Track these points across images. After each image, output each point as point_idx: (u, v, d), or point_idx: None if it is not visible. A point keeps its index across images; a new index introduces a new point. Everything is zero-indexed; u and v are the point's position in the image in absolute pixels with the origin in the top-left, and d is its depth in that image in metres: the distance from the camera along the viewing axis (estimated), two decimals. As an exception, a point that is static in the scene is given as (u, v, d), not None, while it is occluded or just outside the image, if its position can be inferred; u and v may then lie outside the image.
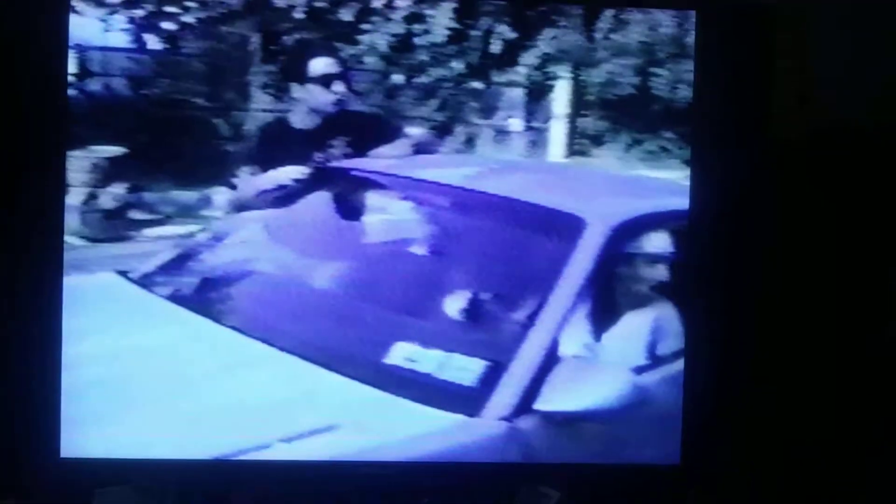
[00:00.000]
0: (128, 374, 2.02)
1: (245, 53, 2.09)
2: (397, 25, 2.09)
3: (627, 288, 2.08)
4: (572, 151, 2.14)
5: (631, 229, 2.08)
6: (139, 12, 2.05)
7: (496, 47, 2.12)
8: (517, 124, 2.15)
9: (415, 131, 2.13)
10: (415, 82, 2.12)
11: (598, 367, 2.04)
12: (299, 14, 2.08)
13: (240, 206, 2.09)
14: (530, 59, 2.13)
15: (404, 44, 2.11)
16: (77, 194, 2.04)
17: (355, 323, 2.06)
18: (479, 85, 2.13)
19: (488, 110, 2.14)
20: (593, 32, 2.14)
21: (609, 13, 2.13)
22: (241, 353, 2.04)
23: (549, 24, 2.12)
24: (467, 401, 1.97)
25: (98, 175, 2.05)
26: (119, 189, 2.07)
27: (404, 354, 2.02)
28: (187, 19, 2.06)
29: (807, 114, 2.18)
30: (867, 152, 2.15)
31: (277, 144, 2.10)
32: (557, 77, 2.14)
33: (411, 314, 2.07)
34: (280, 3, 2.07)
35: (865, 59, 2.18)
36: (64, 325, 2.01)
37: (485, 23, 2.11)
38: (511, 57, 2.13)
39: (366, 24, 2.09)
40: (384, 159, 2.12)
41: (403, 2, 2.08)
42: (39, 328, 2.01)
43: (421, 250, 2.10)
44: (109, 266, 2.09)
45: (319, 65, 2.10)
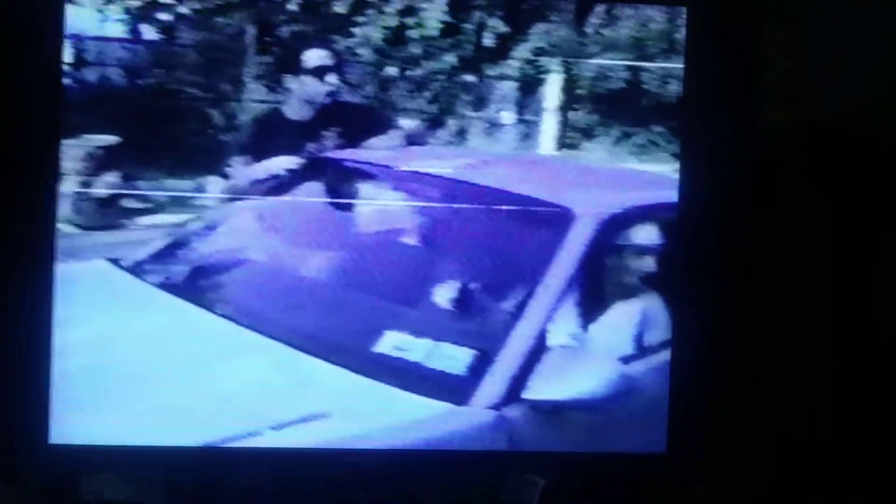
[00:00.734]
0: (118, 362, 2.02)
1: (240, 44, 2.10)
2: (391, 18, 2.11)
3: (616, 279, 2.09)
4: (563, 144, 2.16)
5: (620, 221, 2.10)
6: (135, 3, 2.06)
7: (489, 41, 2.14)
8: (508, 117, 2.16)
9: (407, 123, 2.14)
10: (408, 75, 2.13)
11: (586, 356, 2.05)
12: (293, 6, 2.09)
13: (233, 196, 2.10)
14: (522, 52, 2.14)
15: (398, 36, 2.12)
16: (70, 182, 2.05)
17: (345, 312, 2.07)
18: (471, 78, 2.15)
19: (480, 103, 2.16)
20: (585, 27, 2.15)
21: (601, 8, 2.15)
22: (231, 342, 2.04)
23: (541, 18, 2.14)
24: (456, 389, 1.99)
25: (92, 163, 2.06)
26: (112, 178, 2.08)
27: (394, 343, 2.03)
28: (183, 10, 2.08)
29: (796, 108, 2.19)
30: (857, 147, 2.16)
31: (271, 135, 2.11)
32: (549, 71, 2.15)
33: (401, 303, 2.08)
34: (274, -6, 2.09)
35: (856, 54, 2.19)
36: (55, 313, 2.01)
37: (477, 16, 2.12)
38: (503, 50, 2.14)
39: (360, 16, 2.10)
40: (376, 150, 2.13)
41: (397, -6, 2.11)
42: (31, 315, 2.02)
43: (412, 240, 2.11)
44: (101, 254, 2.09)
45: (313, 56, 2.11)
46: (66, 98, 2.05)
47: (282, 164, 2.11)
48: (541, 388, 1.99)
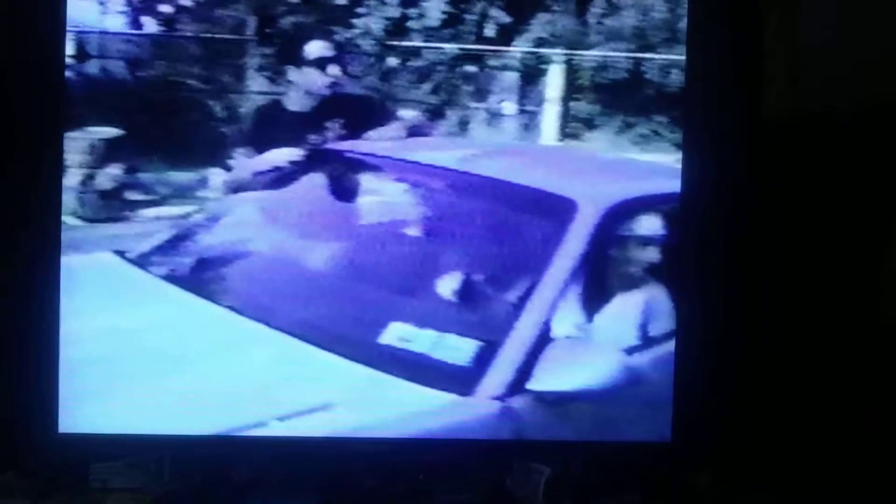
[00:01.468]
0: (125, 353, 2.04)
1: (241, 36, 2.10)
2: (392, 9, 2.11)
3: (619, 269, 2.10)
4: (565, 134, 2.16)
5: (623, 212, 2.10)
6: (136, -5, 2.06)
7: (490, 31, 2.13)
8: (510, 107, 2.17)
9: (409, 114, 2.14)
10: (409, 65, 2.13)
11: (590, 347, 2.06)
12: (295, -3, 2.10)
13: (235, 188, 2.11)
14: (524, 42, 2.14)
15: (399, 27, 2.12)
16: (74, 175, 2.06)
17: (350, 303, 2.08)
18: (472, 68, 2.15)
19: (482, 93, 2.16)
20: (586, 17, 2.15)
21: (602, -2, 2.15)
22: (236, 333, 2.06)
23: (542, 8, 2.14)
24: (461, 380, 2.00)
25: (95, 156, 2.06)
26: (116, 170, 2.08)
27: (398, 334, 2.04)
28: (184, 2, 2.08)
29: (796, 96, 2.19)
30: (859, 135, 2.16)
31: (273, 126, 2.11)
32: (551, 61, 2.15)
33: (405, 294, 2.09)
34: (276, -15, 2.09)
35: (857, 42, 2.19)
36: (62, 304, 2.03)
37: (479, 7, 2.12)
38: (505, 41, 2.14)
39: (361, 7, 2.10)
40: (378, 142, 2.13)
41: (398, -15, 2.10)
42: (38, 307, 2.03)
43: (415, 232, 2.11)
44: (106, 246, 2.10)
45: (315, 48, 2.11)
46: (69, 91, 2.05)
47: (284, 155, 2.11)
48: (546, 379, 2.00)
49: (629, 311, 2.09)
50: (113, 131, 2.07)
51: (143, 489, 2.07)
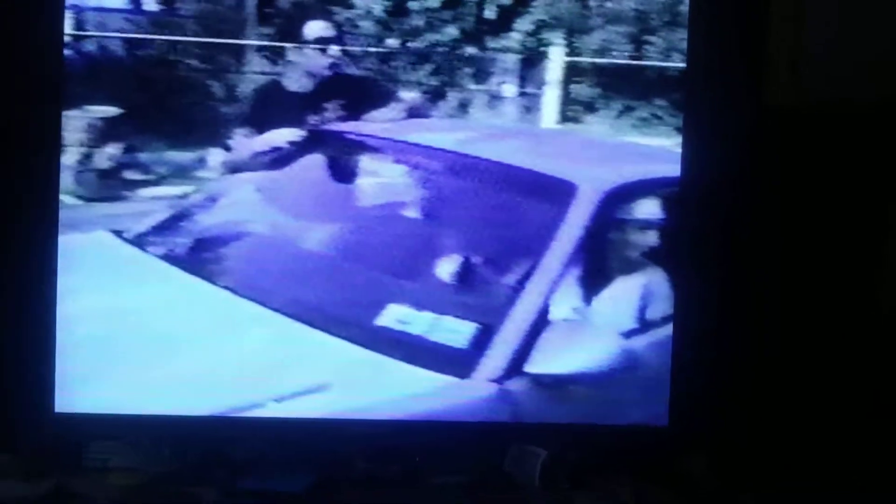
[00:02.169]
0: (121, 332, 2.04)
1: (241, 16, 2.09)
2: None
3: (618, 253, 2.10)
4: (565, 117, 2.16)
5: (622, 195, 2.10)
6: (135, -28, 2.05)
7: (491, 13, 2.12)
8: (510, 90, 2.16)
9: (409, 95, 2.13)
10: (409, 47, 2.12)
11: (588, 330, 2.06)
12: (294, -24, 2.09)
13: (234, 168, 2.10)
14: (525, 25, 2.13)
15: (399, 8, 2.11)
16: (72, 154, 2.05)
17: (348, 285, 2.08)
18: (473, 50, 2.14)
19: (482, 76, 2.15)
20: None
21: (604, -20, 2.14)
22: (234, 313, 2.05)
23: (543, -10, 2.13)
24: (458, 363, 2.00)
25: (93, 135, 2.06)
26: (114, 149, 2.07)
27: (396, 316, 2.03)
28: (183, -20, 2.07)
29: (799, 81, 2.18)
30: (861, 120, 2.15)
31: (272, 107, 2.10)
32: (551, 43, 2.14)
33: (403, 276, 2.09)
34: (276, -35, 2.08)
35: (860, 29, 2.18)
36: (59, 284, 2.02)
37: (479, -12, 2.12)
38: (505, 23, 2.13)
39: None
40: (378, 123, 2.13)
41: (399, -35, 2.09)
42: (34, 286, 2.03)
43: (413, 213, 2.11)
44: (104, 225, 2.10)
45: (315, 28, 2.10)
46: (68, 69, 2.04)
47: (283, 136, 2.11)
48: (543, 362, 2.00)
49: (627, 294, 2.09)
50: (112, 110, 2.06)
51: (140, 469, 2.06)
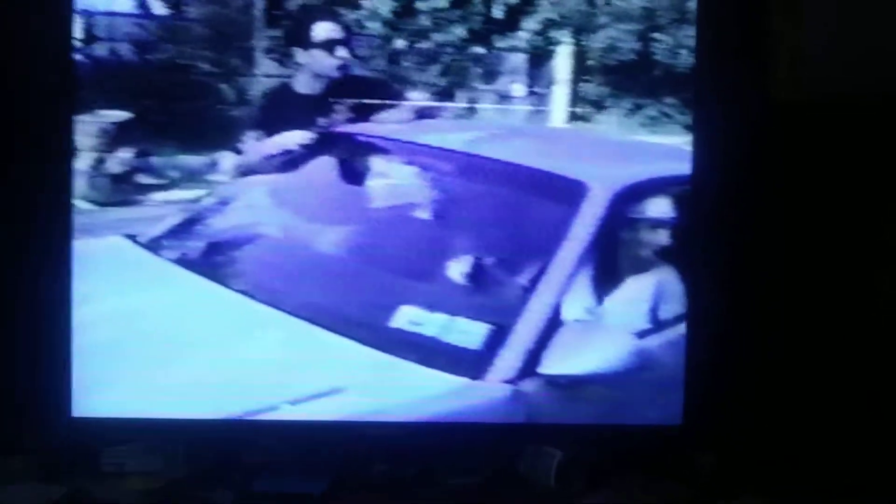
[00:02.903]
0: (137, 336, 2.05)
1: (249, 18, 2.09)
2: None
3: (630, 252, 2.10)
4: (574, 117, 2.16)
5: (633, 194, 2.09)
6: (143, -23, 2.05)
7: (498, 12, 2.12)
8: (519, 89, 2.16)
9: (418, 96, 2.13)
10: (417, 47, 2.12)
11: (601, 330, 2.06)
12: (302, -21, 2.09)
13: (245, 171, 2.11)
14: (532, 24, 2.13)
15: (407, 9, 2.11)
16: (85, 159, 2.06)
17: (360, 287, 2.09)
18: (481, 50, 2.14)
19: (490, 75, 2.15)
20: (595, -3, 2.14)
21: (611, -21, 2.14)
22: (248, 317, 2.06)
23: (551, -11, 2.13)
24: (471, 364, 2.00)
25: (105, 140, 2.07)
26: (126, 154, 2.08)
27: (409, 318, 2.04)
28: (192, -16, 2.07)
29: (803, 77, 2.18)
30: (870, 116, 2.15)
31: (282, 109, 2.11)
32: (559, 42, 2.14)
33: (416, 278, 2.09)
34: (284, -32, 2.08)
35: (864, 26, 2.18)
36: (74, 288, 2.03)
37: (487, -12, 2.12)
38: (513, 22, 2.13)
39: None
40: (387, 124, 2.13)
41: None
42: (50, 291, 2.04)
43: (425, 215, 2.11)
44: (118, 230, 2.11)
45: (323, 30, 2.10)
46: (78, 74, 2.05)
47: (294, 138, 2.11)
48: (556, 363, 2.01)
49: (640, 294, 2.09)
50: (123, 115, 2.07)
51: (157, 473, 2.08)
